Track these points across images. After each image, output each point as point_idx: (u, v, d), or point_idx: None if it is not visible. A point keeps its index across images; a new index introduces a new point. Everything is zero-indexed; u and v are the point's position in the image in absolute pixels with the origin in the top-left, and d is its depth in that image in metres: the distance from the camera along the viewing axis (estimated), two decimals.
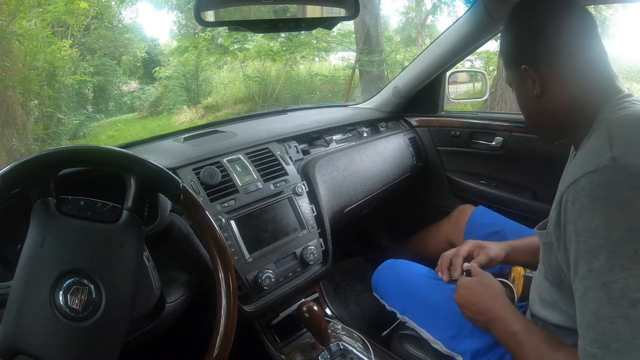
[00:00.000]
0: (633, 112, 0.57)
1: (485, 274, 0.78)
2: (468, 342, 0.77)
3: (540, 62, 0.61)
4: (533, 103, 0.64)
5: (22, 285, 0.50)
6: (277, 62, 7.29)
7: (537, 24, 0.61)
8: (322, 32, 6.89)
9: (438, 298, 0.85)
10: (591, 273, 0.49)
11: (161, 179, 0.61)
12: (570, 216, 0.52)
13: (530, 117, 0.69)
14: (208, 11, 0.71)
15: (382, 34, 7.21)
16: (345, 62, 8.20)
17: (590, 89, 0.60)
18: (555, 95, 0.61)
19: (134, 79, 9.91)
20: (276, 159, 1.03)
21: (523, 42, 0.63)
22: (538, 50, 0.61)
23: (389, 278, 0.97)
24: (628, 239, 0.47)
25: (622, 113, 0.57)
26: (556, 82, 0.60)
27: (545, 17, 0.60)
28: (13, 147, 5.22)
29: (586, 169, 0.52)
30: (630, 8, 8.05)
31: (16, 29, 5.57)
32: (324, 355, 0.86)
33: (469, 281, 0.77)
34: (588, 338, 0.50)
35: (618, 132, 0.54)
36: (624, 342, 0.47)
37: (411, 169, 1.43)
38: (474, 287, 0.75)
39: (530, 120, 0.70)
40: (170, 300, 0.73)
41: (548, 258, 0.65)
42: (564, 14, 0.60)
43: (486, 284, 0.75)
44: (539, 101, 0.63)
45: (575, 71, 0.60)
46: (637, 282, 0.46)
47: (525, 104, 0.68)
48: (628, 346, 0.46)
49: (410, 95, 1.48)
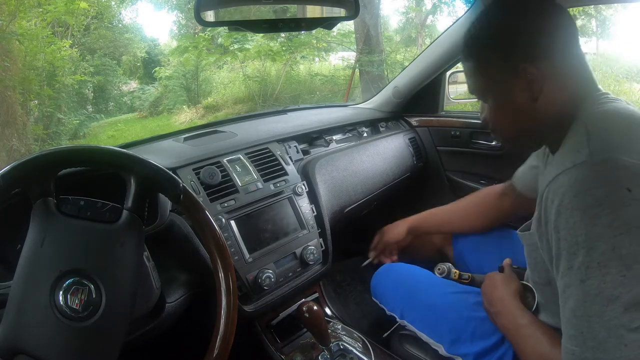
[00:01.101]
0: (610, 108, 0.57)
1: (512, 274, 0.79)
2: (468, 345, 0.77)
3: (541, 58, 0.57)
4: (524, 109, 0.59)
5: (22, 285, 0.50)
6: (277, 62, 7.29)
7: (534, 20, 0.58)
8: (322, 32, 6.89)
9: (437, 301, 0.85)
10: (571, 270, 0.50)
11: (161, 179, 0.61)
12: (550, 214, 0.52)
13: (515, 127, 0.63)
14: (208, 11, 0.71)
15: (382, 34, 7.21)
16: (345, 62, 8.20)
17: (577, 86, 0.59)
18: (551, 95, 0.58)
19: (134, 79, 9.91)
20: (276, 159, 1.03)
21: (523, 37, 0.57)
22: (540, 45, 0.57)
23: (387, 282, 0.96)
24: (606, 236, 0.47)
25: (600, 109, 0.57)
26: (554, 81, 0.57)
27: (541, 13, 0.59)
28: (13, 147, 5.22)
29: (565, 165, 0.52)
30: (630, 8, 8.06)
31: (16, 29, 5.57)
32: (324, 355, 0.86)
33: (494, 274, 0.80)
34: (567, 335, 0.51)
35: (595, 129, 0.54)
36: (599, 341, 0.47)
37: (411, 169, 1.43)
38: (495, 280, 0.78)
39: (515, 130, 0.64)
40: (170, 300, 0.73)
41: (534, 259, 0.65)
42: (554, 12, 0.59)
43: (506, 281, 0.77)
44: (532, 106, 0.58)
45: (568, 69, 0.59)
46: (614, 280, 0.46)
47: (512, 112, 0.61)
48: (604, 344, 0.46)
49: (410, 95, 1.48)
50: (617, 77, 5.95)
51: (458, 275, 0.96)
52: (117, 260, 0.55)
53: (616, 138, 0.53)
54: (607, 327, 0.46)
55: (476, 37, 0.62)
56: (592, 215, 0.48)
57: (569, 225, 0.49)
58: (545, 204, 0.53)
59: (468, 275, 0.96)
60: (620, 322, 0.46)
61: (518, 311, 0.69)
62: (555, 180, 0.52)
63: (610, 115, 0.56)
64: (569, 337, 0.50)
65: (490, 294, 0.76)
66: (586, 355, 0.48)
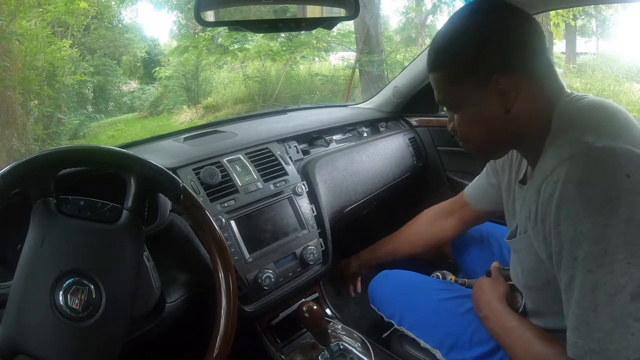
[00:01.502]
0: (591, 101, 0.57)
1: (500, 277, 0.79)
2: (466, 351, 0.77)
3: (513, 68, 0.55)
4: (497, 119, 0.58)
5: (22, 285, 0.50)
6: (277, 62, 7.29)
7: (504, 29, 0.56)
8: (322, 32, 6.89)
9: (434, 307, 0.85)
10: (575, 261, 0.48)
11: (161, 179, 0.61)
12: (549, 207, 0.51)
13: (488, 136, 0.61)
14: (208, 11, 0.71)
15: (382, 34, 7.21)
16: (345, 62, 8.20)
17: (549, 91, 0.58)
18: (525, 105, 0.56)
19: (134, 79, 9.92)
20: (276, 159, 1.03)
21: (494, 47, 0.55)
22: (512, 55, 0.55)
23: (385, 289, 0.96)
24: (612, 223, 0.46)
25: (579, 105, 0.57)
26: (527, 90, 0.56)
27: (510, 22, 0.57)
28: (13, 147, 5.22)
29: (562, 157, 0.51)
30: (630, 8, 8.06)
31: (16, 29, 5.58)
32: (324, 355, 0.86)
33: (482, 279, 0.80)
34: (572, 327, 0.50)
35: (585, 121, 0.54)
36: (606, 331, 0.46)
37: (411, 169, 1.43)
38: (483, 285, 0.78)
39: (487, 140, 0.62)
40: (170, 300, 0.73)
41: (527, 263, 0.64)
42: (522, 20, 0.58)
43: (493, 284, 0.77)
44: (506, 116, 0.57)
45: (540, 76, 0.58)
46: (621, 268, 0.45)
47: (485, 123, 0.60)
48: (611, 334, 0.46)
49: (410, 95, 1.47)
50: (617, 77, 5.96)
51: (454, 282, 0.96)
52: (117, 260, 0.55)
53: (606, 127, 0.53)
54: (614, 317, 0.46)
55: (445, 48, 0.60)
56: (596, 203, 0.47)
57: (571, 217, 0.48)
58: (544, 198, 0.52)
59: (464, 281, 0.96)
60: (627, 311, 0.45)
61: (505, 314, 0.69)
62: (552, 173, 0.51)
63: (592, 108, 0.57)
64: (574, 330, 0.49)
65: (477, 299, 0.77)
66: (592, 347, 0.47)
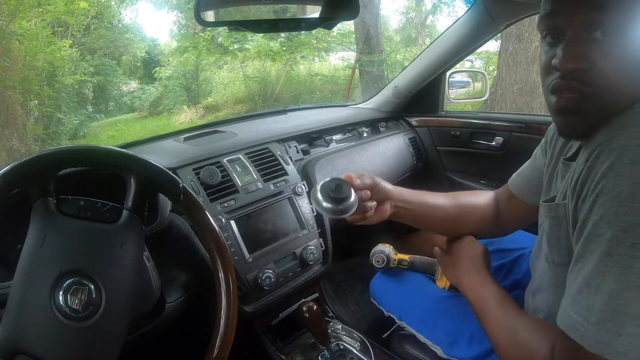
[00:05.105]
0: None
1: None
2: (466, 349, 0.77)
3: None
4: None
5: (22, 285, 0.50)
6: (277, 62, 7.29)
7: None
8: (322, 32, 6.89)
9: (435, 305, 0.85)
10: (600, 238, 0.44)
11: (161, 179, 0.61)
12: (594, 174, 0.46)
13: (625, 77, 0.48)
14: (208, 11, 0.71)
15: (382, 34, 7.21)
16: (345, 62, 8.20)
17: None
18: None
19: (134, 79, 9.92)
20: (276, 159, 1.03)
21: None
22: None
23: (386, 285, 0.96)
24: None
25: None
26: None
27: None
28: (13, 147, 5.22)
29: (628, 123, 0.45)
30: None
31: (16, 29, 5.58)
32: (324, 355, 0.86)
33: None
34: (570, 297, 0.47)
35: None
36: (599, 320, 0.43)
37: (411, 169, 1.43)
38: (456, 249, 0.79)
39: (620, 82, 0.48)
40: (170, 300, 0.73)
41: (556, 236, 0.58)
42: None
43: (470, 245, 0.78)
44: None
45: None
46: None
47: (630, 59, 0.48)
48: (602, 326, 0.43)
49: (410, 95, 1.48)
50: None
51: (397, 262, 0.93)
52: (117, 260, 0.55)
53: None
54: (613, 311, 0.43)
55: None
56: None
57: (611, 193, 0.44)
58: (593, 162, 0.46)
59: (407, 261, 0.93)
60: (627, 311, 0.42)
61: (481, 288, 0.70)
62: (612, 140, 0.45)
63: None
64: (572, 302, 0.46)
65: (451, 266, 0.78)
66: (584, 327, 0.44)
